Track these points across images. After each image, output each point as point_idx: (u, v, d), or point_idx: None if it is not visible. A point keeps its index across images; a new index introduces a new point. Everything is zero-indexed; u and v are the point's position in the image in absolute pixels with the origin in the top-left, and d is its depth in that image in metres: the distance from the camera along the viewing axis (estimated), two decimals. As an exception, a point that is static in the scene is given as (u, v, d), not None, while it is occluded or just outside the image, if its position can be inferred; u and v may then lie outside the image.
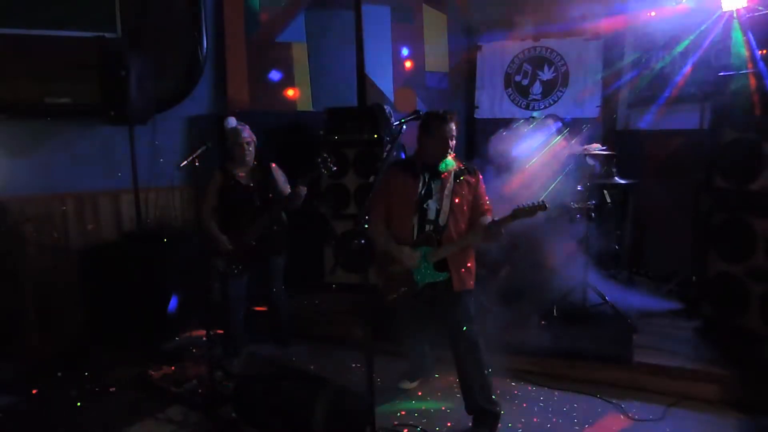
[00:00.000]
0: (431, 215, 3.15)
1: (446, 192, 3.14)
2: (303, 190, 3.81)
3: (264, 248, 3.97)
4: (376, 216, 3.24)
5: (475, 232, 3.14)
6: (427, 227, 3.15)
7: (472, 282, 3.21)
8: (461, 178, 3.19)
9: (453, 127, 3.14)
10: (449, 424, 3.21)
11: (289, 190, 3.98)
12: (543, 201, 2.99)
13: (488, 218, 3.19)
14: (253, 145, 3.96)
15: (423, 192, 3.17)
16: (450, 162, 3.20)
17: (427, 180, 3.18)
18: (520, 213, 2.99)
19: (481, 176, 3.30)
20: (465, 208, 3.19)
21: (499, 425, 3.13)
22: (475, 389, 3.12)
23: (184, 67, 5.09)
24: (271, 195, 3.97)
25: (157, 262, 4.35)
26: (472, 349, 3.11)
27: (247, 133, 3.93)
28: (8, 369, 3.89)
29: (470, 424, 3.13)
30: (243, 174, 3.97)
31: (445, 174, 3.17)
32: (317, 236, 5.06)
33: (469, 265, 3.20)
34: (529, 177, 4.09)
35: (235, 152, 3.92)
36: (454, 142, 3.17)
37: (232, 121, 3.98)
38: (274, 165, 4.09)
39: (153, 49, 4.64)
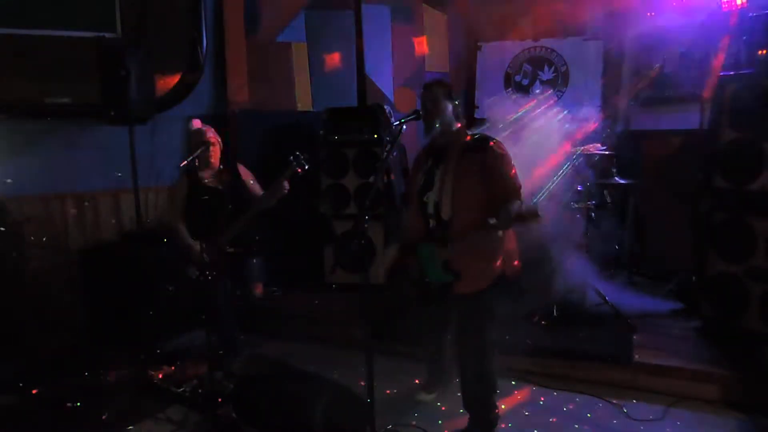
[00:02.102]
0: (430, 208, 2.82)
1: (448, 179, 2.73)
2: (285, 185, 3.65)
3: (237, 251, 3.82)
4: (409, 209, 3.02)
5: (477, 230, 2.64)
6: (431, 223, 2.83)
7: (484, 283, 2.79)
8: (465, 158, 2.72)
9: (435, 90, 2.81)
10: (449, 424, 3.22)
11: (260, 191, 3.87)
12: (536, 207, 2.51)
13: (516, 203, 2.63)
14: (218, 146, 3.85)
15: (423, 182, 2.88)
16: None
17: (429, 167, 2.86)
18: (512, 219, 2.55)
19: (497, 148, 2.72)
20: (474, 194, 2.70)
21: (499, 425, 3.12)
22: (473, 396, 3.04)
23: (184, 67, 5.09)
24: (243, 197, 3.82)
25: (157, 262, 4.35)
26: (475, 358, 2.92)
27: (211, 133, 3.81)
28: (8, 369, 3.89)
29: (466, 425, 3.09)
30: (209, 177, 3.84)
31: (449, 156, 2.77)
32: (317, 236, 5.07)
33: (482, 265, 2.77)
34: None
35: (200, 154, 3.74)
36: (440, 106, 2.79)
37: (196, 123, 3.89)
38: (241, 166, 3.96)
39: (153, 49, 4.64)
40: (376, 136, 4.87)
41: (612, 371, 3.58)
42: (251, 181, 3.94)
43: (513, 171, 2.75)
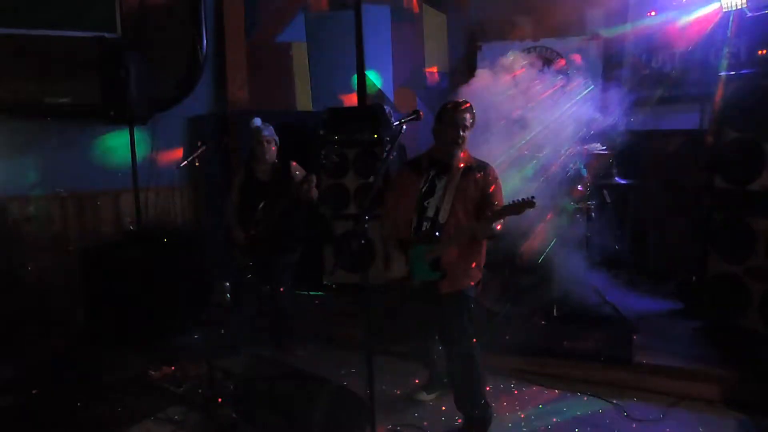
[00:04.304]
0: (430, 212, 3.05)
1: (451, 189, 3.02)
2: (312, 177, 3.93)
3: (277, 244, 4.06)
4: (385, 216, 3.23)
5: (464, 228, 2.97)
6: (424, 225, 3.05)
7: (467, 282, 3.05)
8: (469, 174, 3.04)
9: (467, 116, 3.01)
10: (449, 424, 3.22)
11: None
12: (532, 197, 2.79)
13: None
14: (274, 143, 4.12)
15: (425, 189, 3.09)
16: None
17: (431, 177, 3.09)
18: (506, 210, 2.83)
19: (494, 174, 3.11)
20: (470, 206, 3.02)
21: (499, 426, 3.13)
22: (463, 395, 3.10)
23: (184, 67, 5.09)
24: (288, 192, 4.03)
25: (157, 262, 4.35)
26: (462, 355, 3.03)
27: (267, 132, 4.09)
28: (8, 369, 3.89)
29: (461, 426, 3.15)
30: (263, 171, 4.12)
31: (453, 169, 3.04)
32: (317, 236, 5.06)
33: (466, 265, 3.04)
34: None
35: (256, 150, 4.09)
36: (467, 134, 3.04)
37: (256, 121, 4.13)
38: (294, 163, 4.18)
39: (153, 49, 4.64)
40: (376, 136, 4.86)
41: (612, 371, 3.58)
42: (299, 179, 4.09)
43: (501, 193, 3.11)
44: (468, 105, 3.05)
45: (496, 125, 3.97)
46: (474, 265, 3.08)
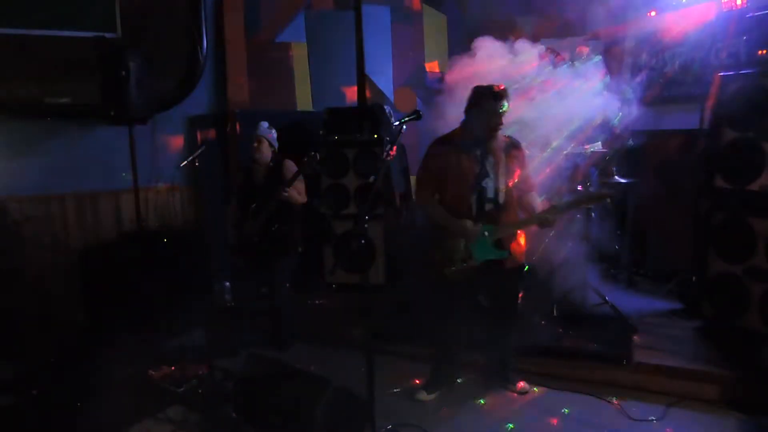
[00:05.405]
0: (490, 194, 3.22)
1: (501, 169, 3.21)
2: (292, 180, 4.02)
3: (270, 247, 4.09)
4: (427, 194, 3.31)
5: (537, 215, 3.20)
6: (487, 206, 3.22)
7: (524, 254, 3.39)
8: (510, 153, 3.24)
9: (506, 103, 3.15)
10: (449, 424, 3.21)
11: (294, 191, 4.13)
12: (608, 191, 3.05)
13: (534, 195, 3.31)
14: (265, 144, 4.17)
15: (479, 170, 3.21)
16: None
17: (479, 157, 3.22)
18: (581, 201, 3.12)
19: (525, 150, 3.37)
20: (517, 184, 3.26)
21: (499, 425, 3.14)
22: (506, 360, 3.52)
23: (184, 67, 5.09)
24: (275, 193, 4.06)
25: (157, 262, 4.35)
26: (511, 322, 3.43)
27: (260, 131, 4.17)
28: (8, 369, 3.89)
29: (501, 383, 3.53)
30: (260, 172, 4.20)
31: (496, 149, 3.22)
32: (317, 236, 5.06)
33: (522, 241, 3.35)
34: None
35: (250, 150, 4.18)
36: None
37: (263, 124, 4.24)
38: (289, 162, 4.23)
39: (153, 49, 4.64)
40: (376, 136, 4.86)
41: (612, 371, 3.58)
42: (292, 181, 4.12)
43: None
44: (505, 89, 3.17)
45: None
46: (523, 235, 3.39)
